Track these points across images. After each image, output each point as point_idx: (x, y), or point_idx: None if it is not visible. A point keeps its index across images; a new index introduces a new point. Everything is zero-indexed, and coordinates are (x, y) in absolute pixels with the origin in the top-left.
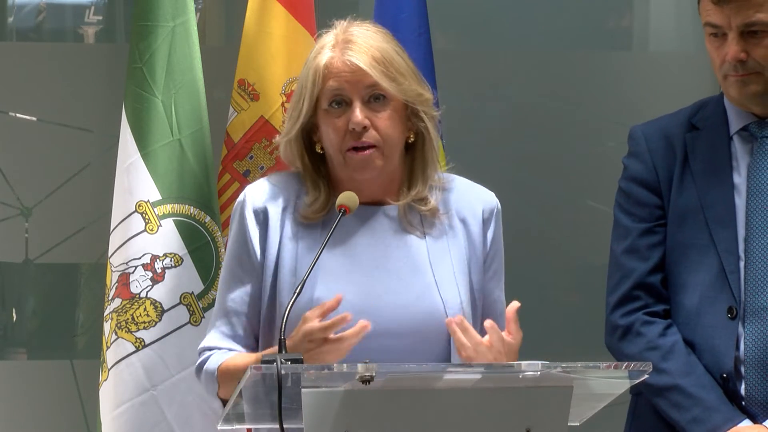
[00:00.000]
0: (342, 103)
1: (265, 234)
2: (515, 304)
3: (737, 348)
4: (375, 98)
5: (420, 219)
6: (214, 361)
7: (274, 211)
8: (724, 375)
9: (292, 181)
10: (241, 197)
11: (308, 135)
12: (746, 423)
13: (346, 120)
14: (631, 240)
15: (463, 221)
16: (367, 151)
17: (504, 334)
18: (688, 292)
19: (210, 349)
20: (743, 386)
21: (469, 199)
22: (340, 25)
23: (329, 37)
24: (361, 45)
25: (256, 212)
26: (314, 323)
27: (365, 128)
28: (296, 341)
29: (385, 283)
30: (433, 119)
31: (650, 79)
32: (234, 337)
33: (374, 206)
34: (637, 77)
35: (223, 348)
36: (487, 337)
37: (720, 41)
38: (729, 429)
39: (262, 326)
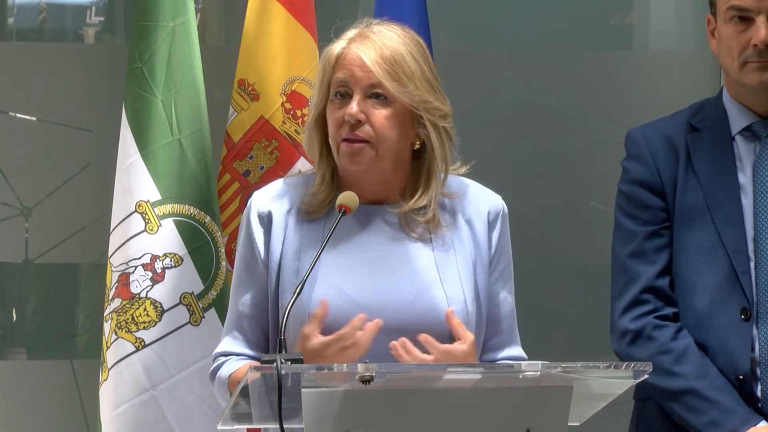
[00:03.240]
0: (345, 95)
1: (269, 236)
2: (448, 310)
3: (752, 350)
4: (376, 96)
5: (423, 224)
6: (226, 370)
7: (278, 213)
8: (740, 377)
9: (301, 183)
10: (248, 202)
11: (325, 126)
12: (763, 424)
13: (344, 111)
14: (636, 243)
15: (469, 222)
16: (357, 144)
17: (456, 344)
18: (698, 294)
19: (224, 354)
20: (759, 387)
21: (476, 201)
22: (365, 22)
23: (350, 32)
24: (374, 42)
25: (260, 216)
26: (315, 341)
27: (359, 122)
28: (310, 354)
29: (388, 280)
30: (441, 129)
31: (650, 79)
32: (246, 341)
33: (376, 205)
34: (637, 77)
35: (235, 353)
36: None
37: (744, 26)
38: (747, 430)
39: (271, 327)
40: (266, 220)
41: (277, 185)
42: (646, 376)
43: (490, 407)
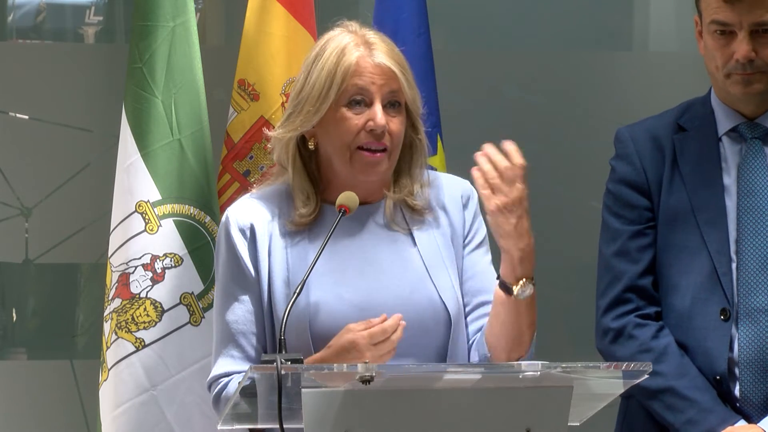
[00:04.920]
0: (361, 101)
1: (255, 250)
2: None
3: (731, 349)
4: (391, 104)
5: (404, 217)
6: (233, 388)
7: (260, 226)
8: (718, 377)
9: (273, 195)
10: (224, 218)
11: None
12: (741, 423)
13: (365, 119)
14: (621, 242)
15: (444, 209)
16: (379, 155)
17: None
18: (680, 294)
19: (226, 375)
20: (737, 387)
21: (448, 188)
22: (353, 26)
23: (346, 37)
24: (386, 49)
25: (242, 230)
26: (360, 333)
27: (382, 132)
28: (338, 350)
29: (380, 280)
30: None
31: (650, 79)
32: (247, 359)
33: (360, 206)
34: (637, 77)
35: (235, 372)
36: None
37: (726, 39)
38: (724, 430)
39: (268, 341)
40: (249, 234)
41: (249, 200)
42: (646, 376)
43: (490, 407)
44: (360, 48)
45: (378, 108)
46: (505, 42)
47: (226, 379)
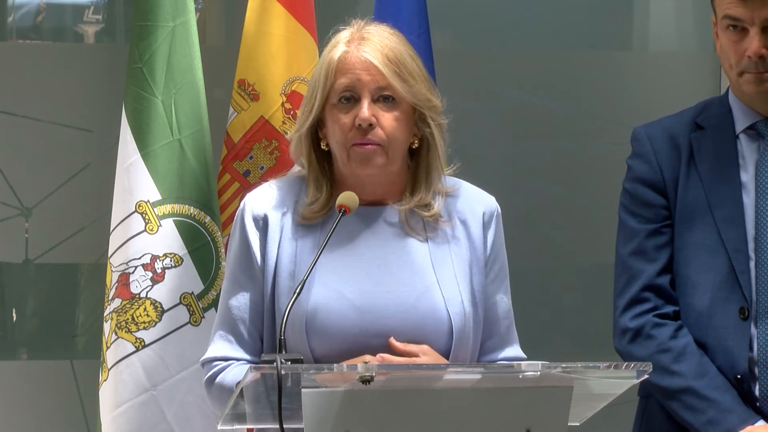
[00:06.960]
0: (351, 98)
1: (265, 239)
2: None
3: (750, 349)
4: (384, 98)
5: (422, 223)
6: (232, 377)
7: (274, 217)
8: (738, 376)
9: (293, 185)
10: (241, 204)
11: (315, 131)
12: (761, 423)
13: (354, 116)
14: (637, 241)
15: (464, 223)
16: (369, 147)
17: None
18: (698, 293)
19: (219, 359)
20: (757, 387)
21: (471, 202)
22: (357, 24)
23: (344, 34)
24: (376, 43)
25: (255, 219)
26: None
27: (371, 126)
28: None
29: (387, 283)
30: (440, 127)
31: (650, 79)
32: (242, 345)
33: (375, 207)
34: (637, 77)
35: (234, 357)
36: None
37: (738, 35)
38: (744, 430)
39: (266, 332)
40: (261, 224)
41: (268, 188)
42: (646, 376)
43: (490, 407)
44: (351, 44)
45: (364, 103)
46: (505, 42)
47: (222, 364)
